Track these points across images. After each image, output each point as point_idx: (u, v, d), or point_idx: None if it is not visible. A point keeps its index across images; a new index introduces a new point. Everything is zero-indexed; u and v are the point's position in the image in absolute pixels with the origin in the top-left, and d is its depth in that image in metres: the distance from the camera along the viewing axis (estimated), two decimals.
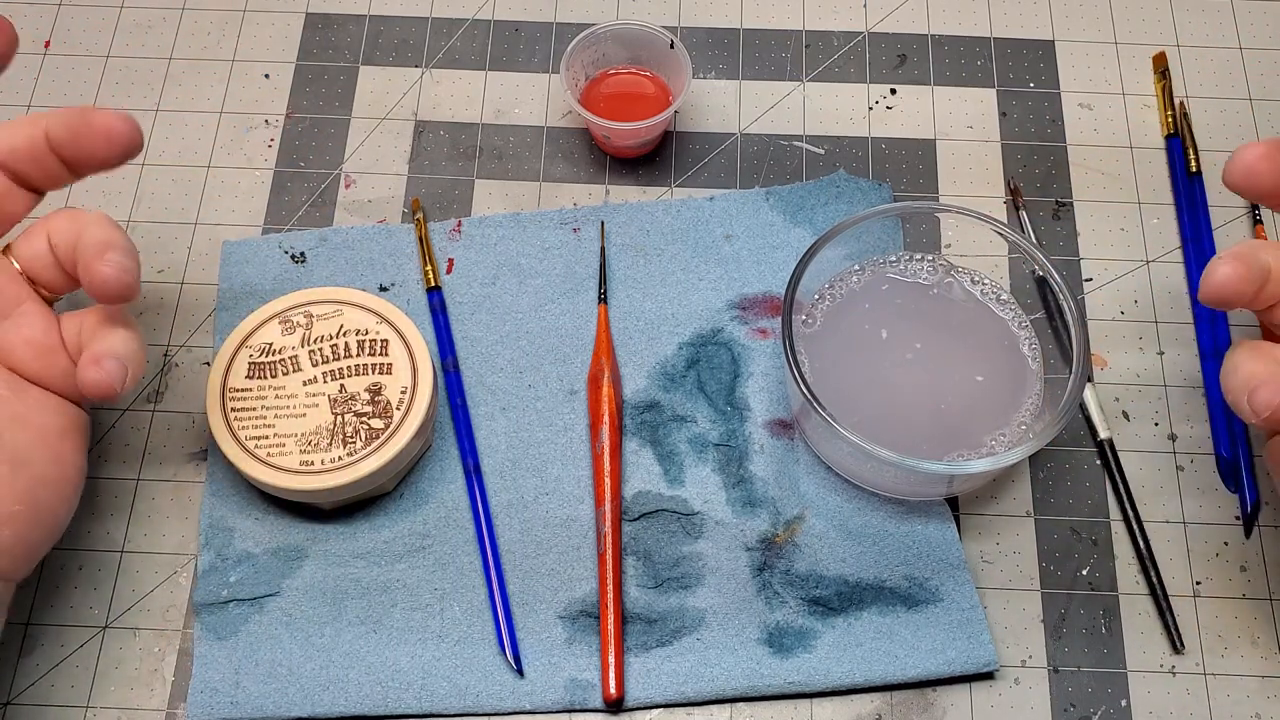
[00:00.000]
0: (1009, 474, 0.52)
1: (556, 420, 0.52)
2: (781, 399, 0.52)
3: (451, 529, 0.50)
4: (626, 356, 0.53)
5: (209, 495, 0.51)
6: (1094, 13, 0.63)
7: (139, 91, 0.60)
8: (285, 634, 0.48)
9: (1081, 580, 0.50)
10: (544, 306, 0.54)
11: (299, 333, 0.50)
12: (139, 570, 0.50)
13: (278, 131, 0.59)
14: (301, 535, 0.50)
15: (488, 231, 0.56)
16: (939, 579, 0.49)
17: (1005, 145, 0.59)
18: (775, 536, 0.49)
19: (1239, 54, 0.61)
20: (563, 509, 0.50)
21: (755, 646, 0.48)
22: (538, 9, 0.63)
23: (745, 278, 0.55)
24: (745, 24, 0.62)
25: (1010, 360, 0.50)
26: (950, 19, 0.62)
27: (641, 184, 0.58)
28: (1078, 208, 0.57)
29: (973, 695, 0.48)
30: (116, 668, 0.48)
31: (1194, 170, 0.57)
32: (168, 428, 0.53)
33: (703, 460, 0.51)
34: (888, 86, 0.61)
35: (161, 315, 0.55)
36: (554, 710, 0.47)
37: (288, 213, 0.57)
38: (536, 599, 0.49)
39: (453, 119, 0.60)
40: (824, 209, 0.56)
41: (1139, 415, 0.53)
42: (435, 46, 0.62)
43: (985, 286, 0.52)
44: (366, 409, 0.49)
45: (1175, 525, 0.51)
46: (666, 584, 0.49)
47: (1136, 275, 0.56)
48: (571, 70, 0.56)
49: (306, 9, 0.63)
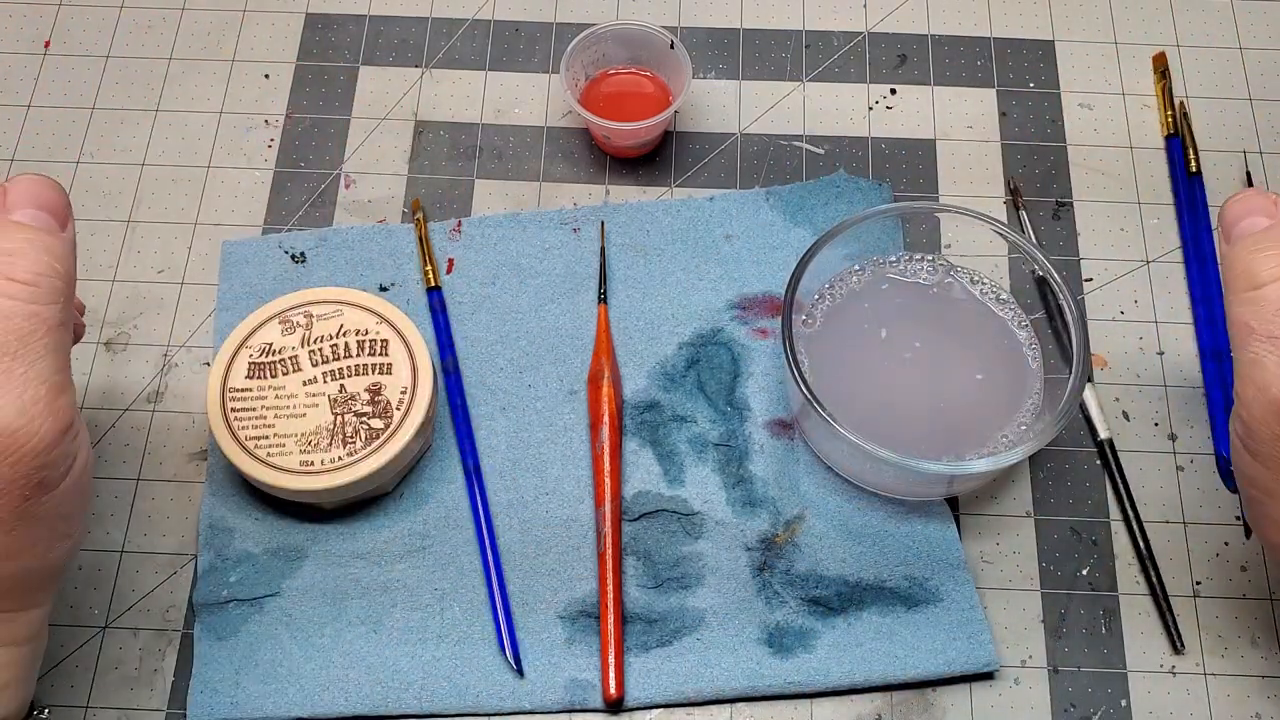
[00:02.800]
0: (1009, 474, 0.52)
1: (556, 420, 0.52)
2: (781, 399, 0.52)
3: (451, 529, 0.50)
4: (626, 356, 0.53)
5: (209, 495, 0.51)
6: (1094, 13, 0.63)
7: (139, 91, 0.60)
8: (285, 634, 0.48)
9: (1081, 580, 0.50)
10: (544, 306, 0.54)
11: (299, 333, 0.50)
12: (139, 570, 0.50)
13: (278, 131, 0.59)
14: (301, 535, 0.50)
15: (488, 231, 0.56)
16: (939, 579, 0.49)
17: (1005, 145, 0.59)
18: (775, 536, 0.49)
19: (1239, 54, 0.61)
20: (563, 509, 0.50)
21: (755, 646, 0.48)
22: (538, 9, 0.63)
23: (745, 278, 0.55)
24: (745, 24, 0.62)
25: (1010, 360, 0.50)
26: (950, 19, 0.62)
27: (641, 184, 0.58)
28: (1078, 208, 0.57)
29: (973, 695, 0.48)
30: (116, 668, 0.48)
31: (1194, 170, 0.57)
32: (168, 428, 0.53)
33: (703, 460, 0.51)
34: (888, 86, 0.61)
35: (161, 315, 0.55)
36: (554, 710, 0.47)
37: (288, 213, 0.57)
38: (536, 599, 0.49)
39: (453, 119, 0.60)
40: (824, 209, 0.56)
41: (1139, 415, 0.53)
42: (435, 46, 0.62)
43: (985, 286, 0.52)
44: (366, 409, 0.49)
45: (1175, 525, 0.51)
46: (666, 584, 0.49)
47: (1136, 275, 0.56)
48: (571, 70, 0.56)
49: (306, 9, 0.63)
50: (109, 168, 0.58)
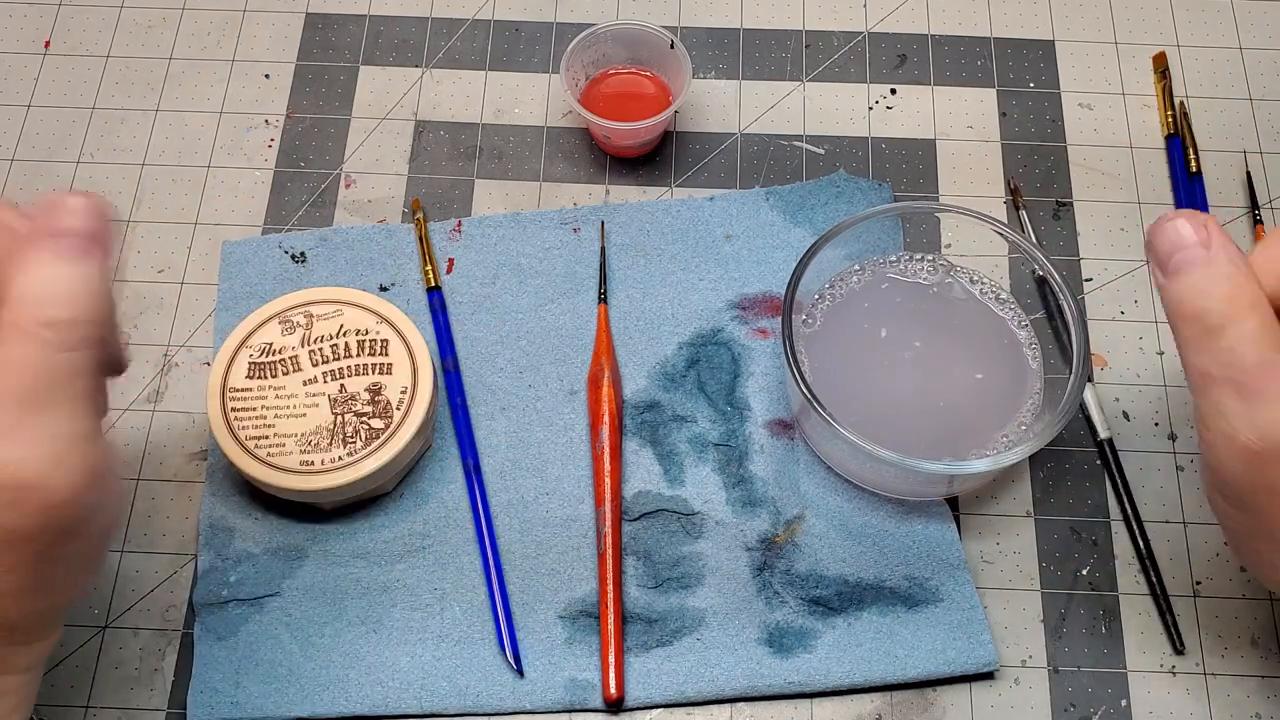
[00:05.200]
0: (1009, 474, 0.52)
1: (556, 420, 0.52)
2: (781, 399, 0.52)
3: (451, 529, 0.50)
4: (626, 356, 0.53)
5: (209, 495, 0.51)
6: (1094, 13, 0.63)
7: (139, 91, 0.60)
8: (285, 634, 0.48)
9: (1081, 580, 0.50)
10: (544, 306, 0.54)
11: (299, 333, 0.50)
12: (139, 570, 0.50)
13: (278, 131, 0.59)
14: (301, 535, 0.50)
15: (488, 231, 0.56)
16: (939, 579, 0.49)
17: (1005, 145, 0.59)
18: (775, 536, 0.49)
19: (1239, 54, 0.61)
20: (563, 509, 0.50)
21: (755, 646, 0.48)
22: (538, 9, 0.63)
23: (745, 278, 0.55)
24: (745, 24, 0.62)
25: (1010, 360, 0.50)
26: (950, 19, 0.62)
27: (641, 184, 0.58)
28: (1078, 208, 0.57)
29: (973, 695, 0.48)
30: (116, 668, 0.48)
31: (1194, 170, 0.57)
32: (168, 428, 0.53)
33: (703, 460, 0.51)
34: (888, 86, 0.61)
35: (161, 315, 0.55)
36: (554, 710, 0.47)
37: (288, 213, 0.57)
38: (536, 599, 0.49)
39: (453, 119, 0.60)
40: (824, 209, 0.56)
41: (1139, 415, 0.53)
42: (435, 46, 0.62)
43: (985, 286, 0.52)
44: (366, 409, 0.49)
45: (1175, 525, 0.51)
46: (666, 584, 0.49)
47: (1136, 275, 0.56)
48: (571, 70, 0.56)
49: (306, 9, 0.63)
50: (109, 168, 0.58)
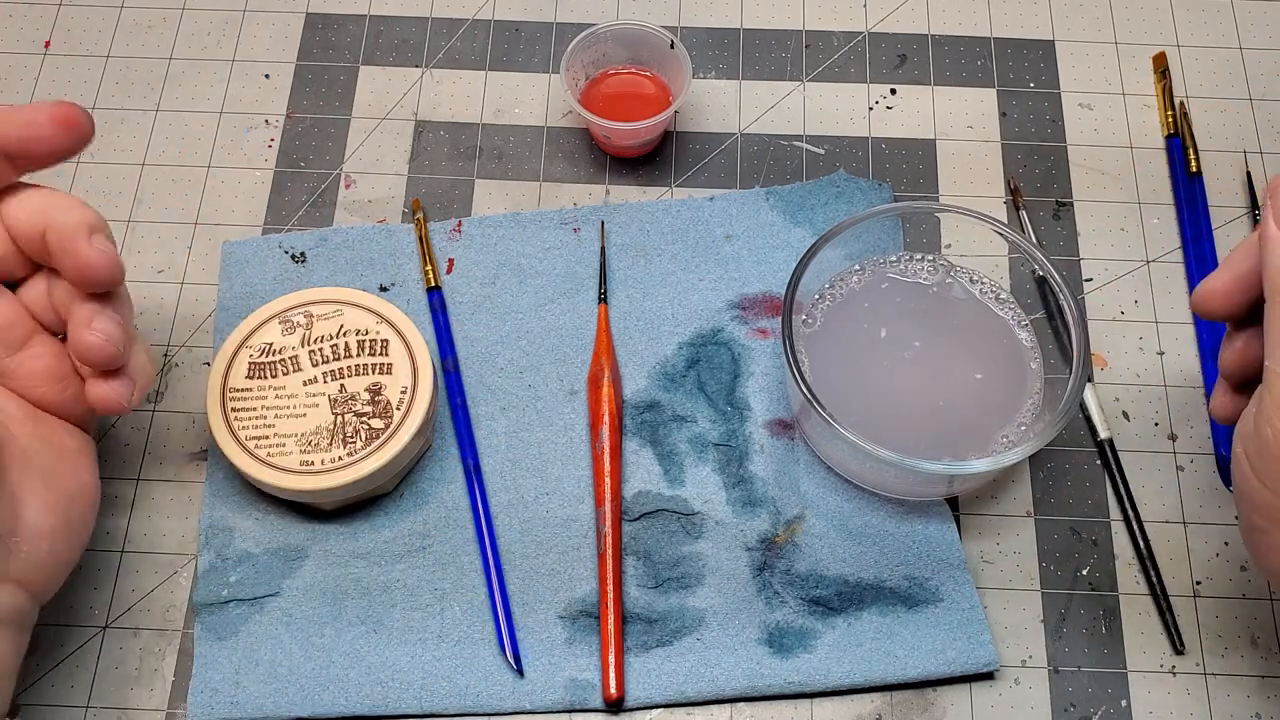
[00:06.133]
0: (1009, 474, 0.52)
1: (556, 420, 0.52)
2: (781, 399, 0.52)
3: (451, 529, 0.50)
4: (626, 356, 0.53)
5: (209, 495, 0.51)
6: (1094, 13, 0.63)
7: (139, 91, 0.60)
8: (285, 634, 0.48)
9: (1081, 580, 0.50)
10: (544, 306, 0.54)
11: (299, 333, 0.50)
12: (139, 570, 0.50)
13: (278, 131, 0.59)
14: (301, 535, 0.50)
15: (488, 231, 0.56)
16: (939, 579, 0.49)
17: (1005, 145, 0.59)
18: (775, 536, 0.49)
19: (1239, 54, 0.61)
20: (563, 509, 0.50)
21: (755, 646, 0.48)
22: (538, 9, 0.63)
23: (745, 278, 0.55)
24: (745, 24, 0.62)
25: (1010, 360, 0.50)
26: (950, 19, 0.62)
27: (641, 184, 0.58)
28: (1078, 208, 0.57)
29: (973, 695, 0.48)
30: (116, 668, 0.48)
31: (1194, 170, 0.57)
32: (168, 428, 0.53)
33: (703, 460, 0.51)
34: (888, 86, 0.61)
35: (161, 315, 0.55)
36: (554, 710, 0.47)
37: (288, 213, 0.57)
38: (536, 599, 0.49)
39: (453, 119, 0.60)
40: (824, 209, 0.56)
41: (1139, 415, 0.53)
42: (435, 46, 0.62)
43: (985, 286, 0.52)
44: (366, 409, 0.49)
45: (1175, 525, 0.51)
46: (666, 584, 0.49)
47: (1136, 275, 0.56)
48: (571, 70, 0.56)
49: (306, 9, 0.63)
50: (109, 168, 0.58)
